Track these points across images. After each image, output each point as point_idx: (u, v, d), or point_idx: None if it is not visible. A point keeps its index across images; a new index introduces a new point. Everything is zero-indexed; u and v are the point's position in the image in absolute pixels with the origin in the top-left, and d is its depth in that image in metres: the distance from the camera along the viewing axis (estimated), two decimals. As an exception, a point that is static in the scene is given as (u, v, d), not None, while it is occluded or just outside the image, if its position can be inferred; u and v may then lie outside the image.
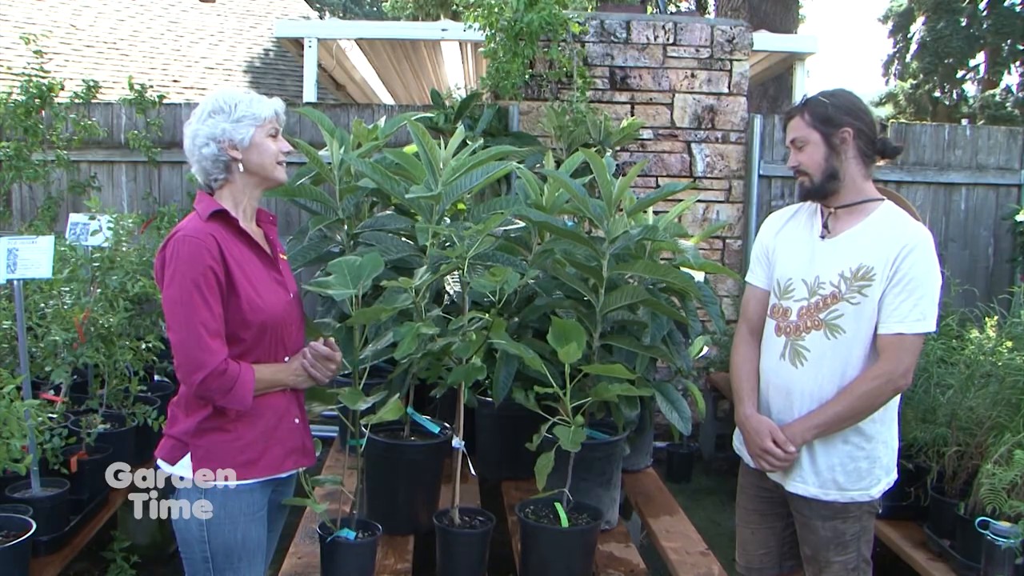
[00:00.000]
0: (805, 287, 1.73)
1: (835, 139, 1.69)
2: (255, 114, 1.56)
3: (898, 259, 1.62)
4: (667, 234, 2.25)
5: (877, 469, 1.70)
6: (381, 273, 1.72)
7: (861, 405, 1.64)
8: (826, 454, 1.70)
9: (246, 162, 1.56)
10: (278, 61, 9.64)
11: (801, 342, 1.72)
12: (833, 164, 1.69)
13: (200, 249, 1.45)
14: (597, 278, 2.12)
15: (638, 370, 2.16)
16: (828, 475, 1.70)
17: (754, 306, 1.88)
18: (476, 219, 2.19)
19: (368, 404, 1.74)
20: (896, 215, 1.70)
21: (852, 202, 1.72)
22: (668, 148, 4.16)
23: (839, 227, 1.74)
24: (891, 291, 1.63)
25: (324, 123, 2.50)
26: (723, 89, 4.14)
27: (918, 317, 1.62)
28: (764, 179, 4.18)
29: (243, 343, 1.51)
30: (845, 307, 1.66)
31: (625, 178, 2.07)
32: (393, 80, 6.98)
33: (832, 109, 1.69)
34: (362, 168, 2.19)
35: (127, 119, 4.19)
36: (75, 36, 8.64)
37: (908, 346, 1.63)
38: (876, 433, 1.70)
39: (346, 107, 4.17)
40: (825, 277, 1.70)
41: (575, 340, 1.79)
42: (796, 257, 1.78)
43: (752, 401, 1.80)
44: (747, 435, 1.78)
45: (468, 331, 1.83)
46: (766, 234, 1.89)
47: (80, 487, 2.36)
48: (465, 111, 3.73)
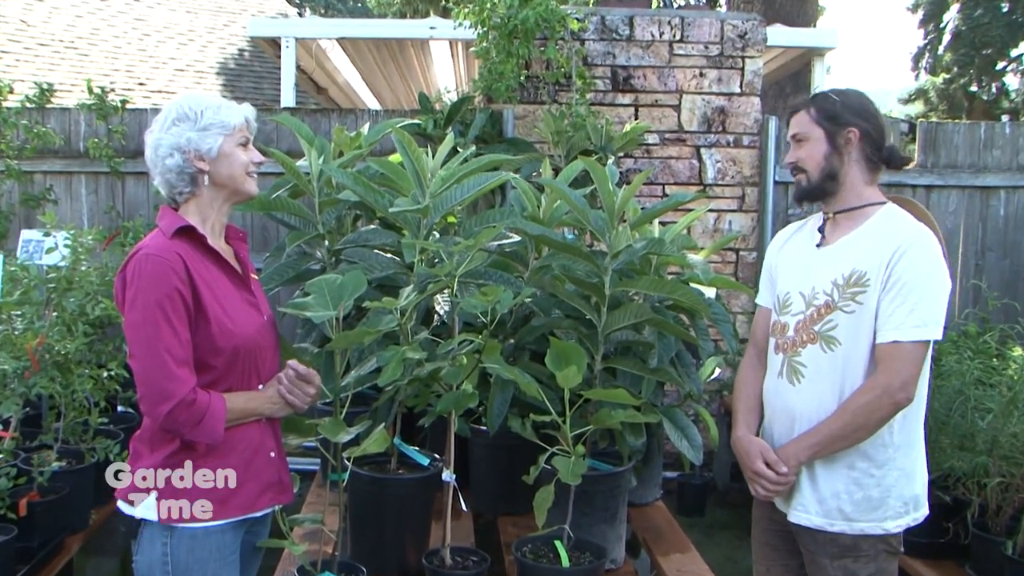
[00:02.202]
0: (802, 300, 1.76)
1: (839, 138, 1.72)
2: (223, 122, 1.57)
3: (892, 261, 1.63)
4: (675, 247, 2.28)
5: (892, 499, 1.68)
6: (364, 293, 1.74)
7: (856, 422, 1.64)
8: (829, 479, 1.69)
9: (214, 174, 1.57)
10: (254, 62, 9.73)
11: (797, 358, 1.74)
12: (833, 164, 1.72)
13: (164, 269, 1.46)
14: (599, 296, 2.13)
15: (644, 395, 2.18)
16: (833, 503, 1.69)
17: (763, 327, 1.90)
18: (467, 233, 2.22)
19: (351, 435, 1.75)
20: (895, 216, 1.72)
21: (851, 207, 1.74)
22: (675, 153, 4.18)
23: (836, 234, 1.77)
24: (885, 297, 1.64)
25: (302, 131, 2.54)
26: (735, 89, 4.18)
27: (916, 323, 1.61)
28: (780, 186, 4.19)
29: (213, 371, 1.52)
30: (839, 317, 1.68)
31: (629, 187, 2.10)
32: (378, 83, 7.02)
33: (840, 107, 1.72)
34: (343, 180, 2.21)
35: (87, 126, 4.21)
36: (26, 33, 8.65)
37: (906, 356, 1.62)
38: (888, 459, 1.69)
39: (327, 112, 4.21)
40: (820, 287, 1.72)
41: (575, 363, 1.80)
42: (794, 270, 1.81)
43: (746, 422, 1.82)
44: (739, 457, 1.79)
45: (459, 355, 1.84)
46: (771, 251, 1.93)
47: (30, 533, 2.32)
48: (456, 116, 3.77)
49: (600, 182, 2.09)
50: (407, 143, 2.09)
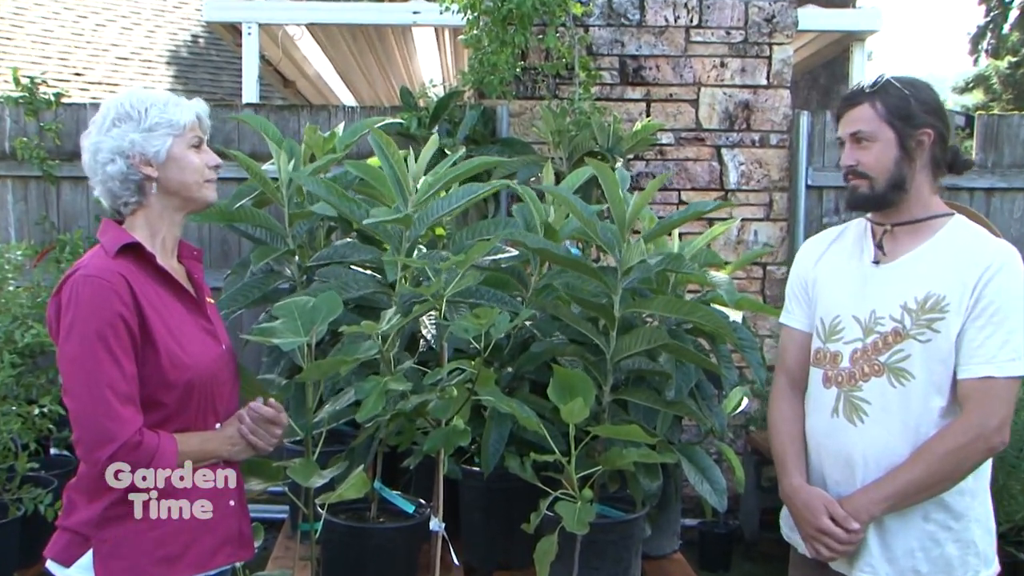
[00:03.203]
0: (858, 325, 1.75)
1: (911, 141, 1.69)
2: (171, 120, 1.57)
3: (979, 284, 1.62)
4: (695, 263, 2.28)
5: (971, 556, 1.67)
6: (340, 316, 1.74)
7: (945, 469, 1.62)
8: (902, 535, 1.67)
9: (164, 180, 1.58)
10: (210, 51, 9.77)
11: (858, 393, 1.72)
12: (903, 171, 1.70)
13: (106, 292, 1.45)
14: (608, 318, 2.13)
15: (659, 431, 2.18)
16: (906, 563, 1.67)
17: (794, 352, 1.89)
18: (457, 247, 2.24)
19: (324, 479, 1.74)
20: (972, 231, 1.72)
21: (916, 219, 1.73)
22: (693, 155, 4.19)
23: (898, 249, 1.75)
24: (972, 324, 1.63)
25: (269, 131, 2.55)
26: (761, 80, 4.20)
27: (1011, 356, 1.61)
28: (813, 190, 4.20)
29: (163, 409, 1.52)
30: (912, 346, 1.67)
31: (642, 194, 2.11)
32: (355, 76, 7.05)
33: (915, 104, 1.69)
34: (315, 190, 2.22)
35: (13, 123, 4.16)
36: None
37: (1000, 392, 1.61)
38: (967, 509, 1.67)
39: (297, 109, 4.22)
40: (883, 310, 1.71)
41: (581, 395, 1.80)
42: (843, 289, 1.79)
43: (800, 469, 1.79)
44: (797, 512, 1.77)
45: (448, 386, 1.84)
46: (803, 264, 1.91)
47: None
48: (443, 113, 3.79)
49: (608, 188, 2.09)
50: (386, 145, 2.10)
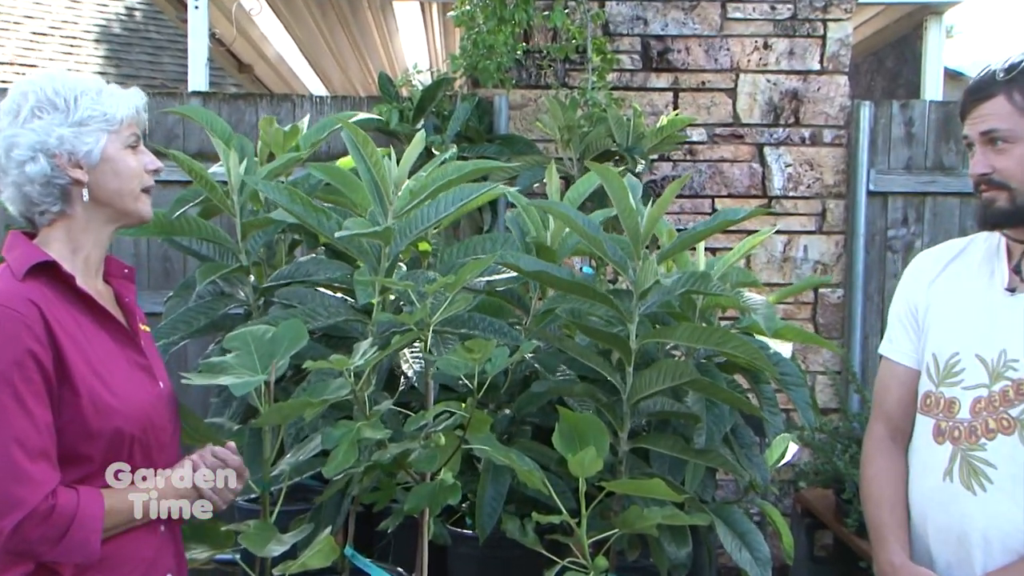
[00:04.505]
0: (983, 367, 1.72)
1: None
2: (107, 114, 1.55)
3: None
4: (726, 283, 2.25)
5: None
6: (305, 348, 1.73)
7: None
8: None
9: (95, 187, 1.55)
10: (149, 27, 9.74)
11: (980, 453, 1.69)
12: None
13: (13, 324, 1.41)
14: (623, 350, 2.12)
15: (688, 486, 2.16)
16: None
17: (897, 394, 1.87)
18: (446, 266, 2.21)
19: (285, 545, 1.72)
20: None
21: None
22: (730, 155, 4.16)
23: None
24: None
25: (215, 125, 2.53)
26: (812, 65, 4.16)
27: None
28: (876, 197, 4.16)
29: (87, 464, 1.49)
30: None
31: (659, 201, 2.08)
32: (324, 59, 7.02)
33: None
34: (274, 195, 2.19)
35: None
36: None
37: None
38: None
39: (254, 99, 4.21)
40: (1018, 351, 1.68)
41: (593, 443, 1.78)
42: (965, 320, 1.77)
43: (902, 542, 1.78)
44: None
45: (434, 433, 1.83)
46: (913, 283, 1.89)
47: None
48: (429, 105, 3.76)
49: (616, 195, 2.07)
50: (363, 143, 2.08)
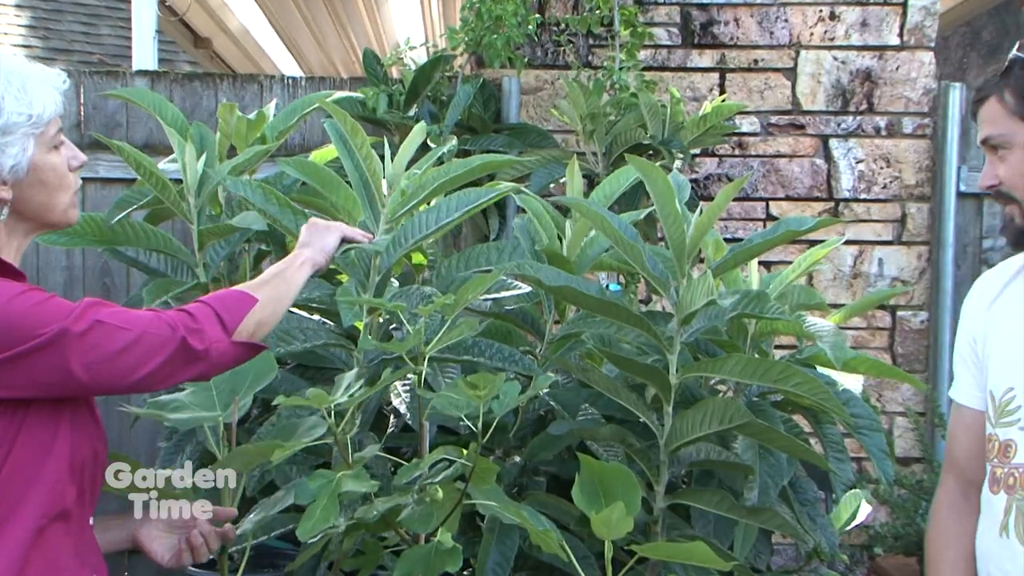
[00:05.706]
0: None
1: None
2: (33, 115, 1.48)
3: None
4: (786, 305, 2.22)
5: None
6: (275, 380, 1.81)
7: None
8: None
9: (20, 202, 1.51)
10: (86, -9, 9.60)
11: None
12: None
13: None
14: (661, 385, 2.10)
15: (737, 552, 2.13)
16: None
17: (965, 441, 1.84)
18: (445, 282, 2.21)
19: None
20: None
21: None
22: (788, 149, 4.07)
23: None
24: None
25: (168, 114, 2.50)
26: (890, 39, 4.06)
27: None
28: (968, 200, 4.04)
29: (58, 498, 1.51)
30: None
31: (710, 206, 2.04)
32: (298, 33, 7.09)
33: None
34: (245, 192, 2.17)
35: None
36: None
37: None
38: None
39: (213, 80, 4.07)
40: None
41: (622, 497, 1.72)
42: (1020, 350, 1.73)
43: None
44: None
45: (430, 485, 1.80)
46: (972, 310, 1.87)
47: None
48: (424, 88, 3.67)
49: (660, 198, 2.02)
50: (351, 133, 2.06)
